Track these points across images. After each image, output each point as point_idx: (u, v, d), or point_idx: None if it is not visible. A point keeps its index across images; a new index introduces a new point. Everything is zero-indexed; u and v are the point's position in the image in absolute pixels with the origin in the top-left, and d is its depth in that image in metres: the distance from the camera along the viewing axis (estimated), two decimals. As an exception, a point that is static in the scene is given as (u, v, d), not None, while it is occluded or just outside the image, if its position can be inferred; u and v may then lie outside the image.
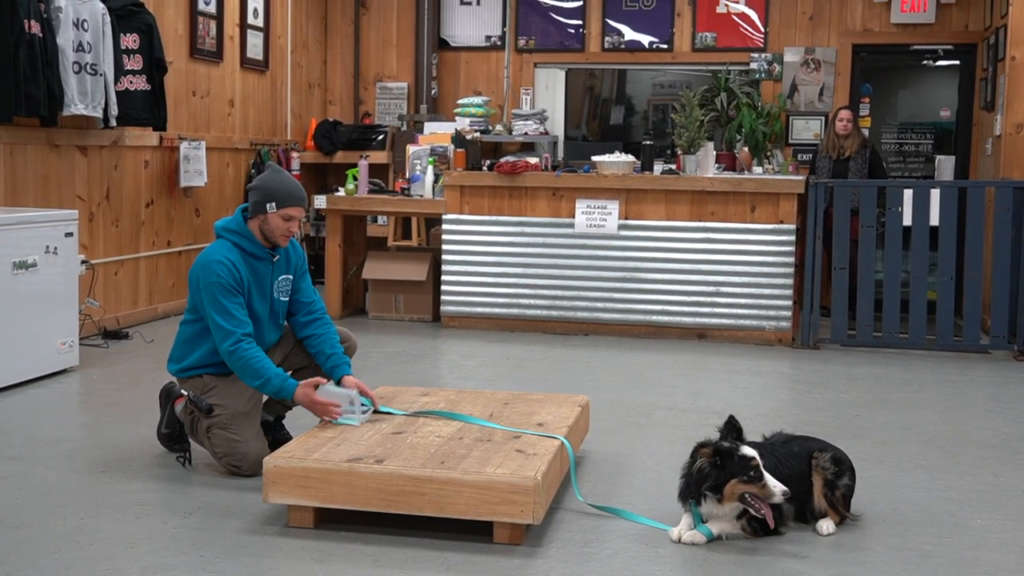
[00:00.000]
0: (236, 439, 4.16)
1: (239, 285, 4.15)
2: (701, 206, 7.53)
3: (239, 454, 4.15)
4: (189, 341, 4.32)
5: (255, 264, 4.25)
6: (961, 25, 9.42)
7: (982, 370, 6.79)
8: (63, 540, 3.52)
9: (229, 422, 4.18)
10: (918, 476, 4.43)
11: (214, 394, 4.22)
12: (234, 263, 4.16)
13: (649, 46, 10.05)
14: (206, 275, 4.13)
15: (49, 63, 6.32)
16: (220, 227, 4.30)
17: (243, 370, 4.10)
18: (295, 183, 4.28)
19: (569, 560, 3.44)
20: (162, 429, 4.50)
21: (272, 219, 4.18)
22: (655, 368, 6.61)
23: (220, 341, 4.11)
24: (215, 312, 4.10)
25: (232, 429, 4.17)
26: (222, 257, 4.15)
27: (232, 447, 4.16)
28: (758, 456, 3.52)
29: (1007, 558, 3.54)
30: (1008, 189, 7.17)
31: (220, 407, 4.19)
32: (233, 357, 4.09)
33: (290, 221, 4.20)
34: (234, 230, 4.24)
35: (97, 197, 7.25)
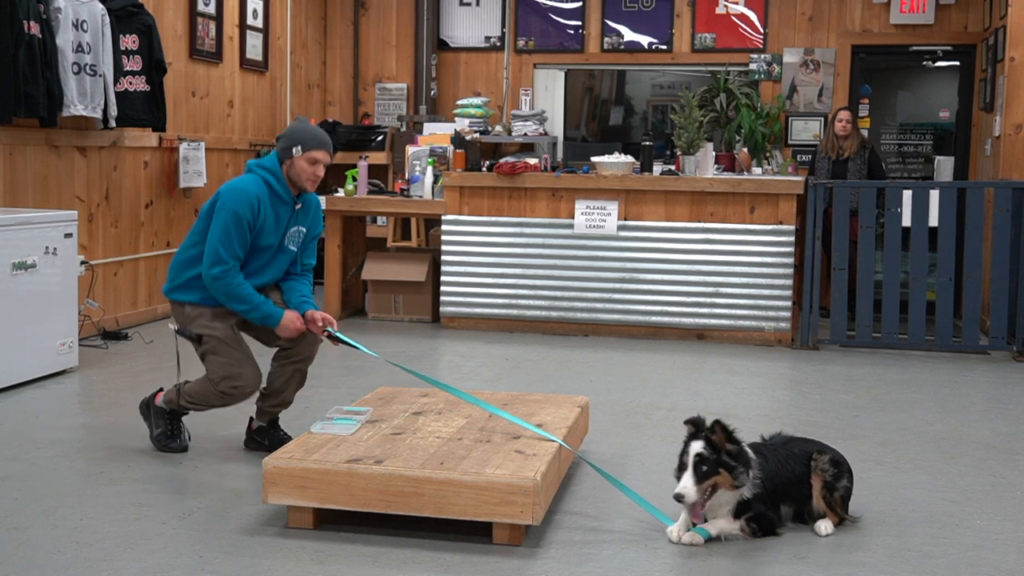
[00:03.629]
0: (229, 362, 4.29)
1: (253, 224, 4.24)
2: (700, 207, 7.53)
3: (234, 374, 4.29)
4: (186, 262, 4.39)
5: (278, 206, 4.33)
6: (960, 26, 9.43)
7: (981, 371, 6.79)
8: (62, 541, 3.52)
9: (219, 347, 4.30)
10: (917, 476, 4.43)
11: (199, 323, 4.33)
12: (261, 202, 4.25)
13: (648, 47, 10.06)
14: (233, 200, 4.20)
15: (48, 64, 6.32)
16: (254, 163, 4.39)
17: (229, 295, 4.22)
18: (320, 130, 4.37)
19: (568, 561, 3.44)
20: (154, 432, 4.54)
21: (298, 163, 4.27)
22: (654, 369, 6.61)
23: (209, 265, 4.20)
24: (219, 236, 4.19)
25: (223, 353, 4.30)
26: (255, 193, 4.24)
27: (227, 370, 4.28)
28: (692, 454, 3.51)
29: (1006, 558, 3.54)
30: (1007, 190, 7.18)
31: (207, 335, 4.31)
32: (219, 283, 4.20)
33: (316, 165, 4.28)
34: (267, 167, 4.33)
35: (96, 198, 7.25)
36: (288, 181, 4.32)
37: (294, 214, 4.40)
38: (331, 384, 6.03)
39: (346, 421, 4.02)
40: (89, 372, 6.13)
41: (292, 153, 4.27)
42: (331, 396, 5.58)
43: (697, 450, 3.52)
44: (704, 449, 3.52)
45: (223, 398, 4.36)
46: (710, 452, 3.51)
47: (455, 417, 4.18)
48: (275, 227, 4.33)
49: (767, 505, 3.63)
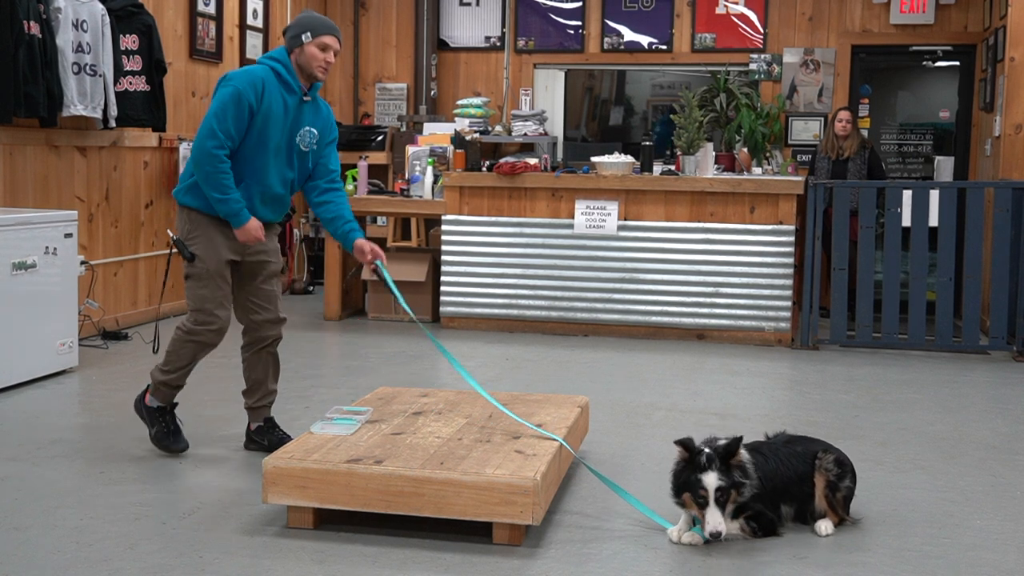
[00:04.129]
0: (207, 296, 4.27)
1: (256, 106, 4.13)
2: (700, 207, 7.53)
3: (207, 311, 4.27)
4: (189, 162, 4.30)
5: (286, 96, 4.21)
6: (960, 26, 9.43)
7: (981, 371, 6.79)
8: (62, 541, 3.52)
9: (205, 277, 4.26)
10: (917, 476, 4.43)
11: (197, 243, 4.26)
12: (266, 86, 4.15)
13: (648, 47, 10.06)
14: (237, 78, 4.13)
15: (48, 64, 6.32)
16: (262, 57, 4.33)
17: (209, 177, 4.11)
18: (323, 17, 4.32)
19: (568, 561, 3.44)
20: (151, 432, 4.49)
21: (308, 49, 4.19)
22: (654, 369, 6.61)
23: (202, 138, 4.09)
24: (214, 110, 4.10)
25: (207, 284, 4.26)
26: (261, 76, 4.15)
27: (203, 303, 4.27)
28: (712, 489, 3.45)
29: (1007, 558, 3.54)
30: (1007, 190, 7.18)
31: (200, 259, 4.26)
32: (206, 159, 4.09)
33: (327, 51, 4.21)
34: (275, 57, 4.25)
35: (96, 198, 7.25)
36: (297, 70, 4.23)
37: (302, 108, 4.28)
38: (331, 384, 6.03)
39: (346, 421, 4.02)
40: (89, 372, 6.13)
41: (302, 40, 4.19)
42: (331, 396, 5.58)
43: (717, 484, 3.48)
44: (721, 480, 3.48)
45: (192, 337, 4.30)
46: (727, 482, 3.50)
47: (455, 417, 4.18)
48: (283, 119, 4.21)
49: (766, 504, 3.63)
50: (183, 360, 4.37)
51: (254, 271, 4.43)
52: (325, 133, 4.41)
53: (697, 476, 3.49)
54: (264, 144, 4.20)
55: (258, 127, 4.16)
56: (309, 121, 4.32)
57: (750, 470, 3.59)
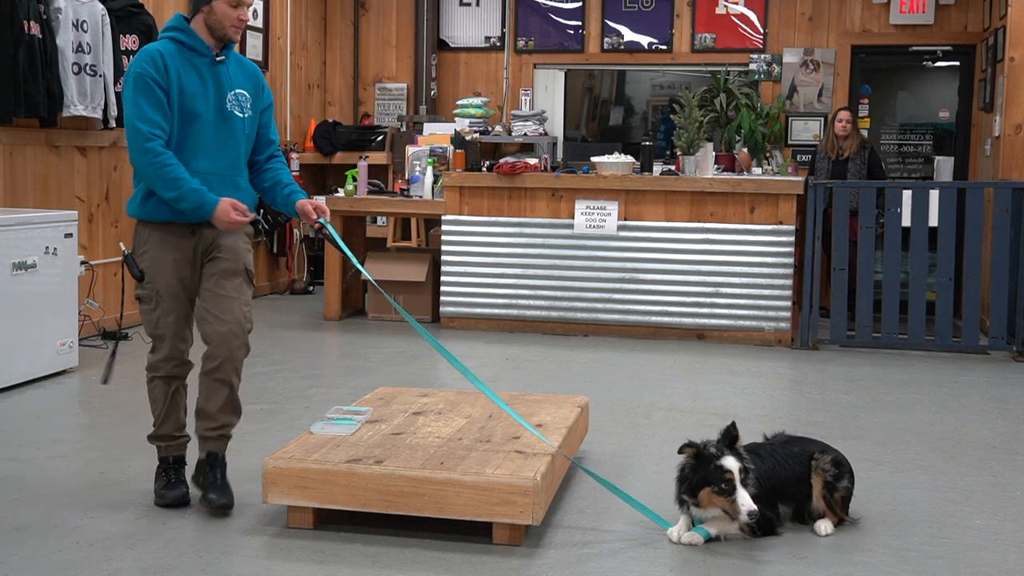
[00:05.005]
0: (162, 321, 3.78)
1: (163, 81, 3.66)
2: (700, 207, 7.53)
3: (161, 339, 3.81)
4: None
5: (195, 60, 3.74)
6: (960, 26, 9.43)
7: (981, 371, 6.79)
8: (62, 541, 3.52)
9: (156, 299, 3.77)
10: (917, 476, 4.43)
11: (146, 258, 3.77)
12: (164, 55, 3.69)
13: (648, 47, 10.06)
14: (131, 66, 3.69)
15: (49, 64, 6.32)
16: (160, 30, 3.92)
17: (156, 176, 3.62)
18: None
19: (568, 561, 3.44)
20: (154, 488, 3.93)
21: (218, 7, 3.71)
22: (654, 369, 6.61)
23: (132, 141, 3.64)
24: (129, 108, 3.65)
25: (158, 308, 3.78)
26: (156, 49, 3.70)
27: (156, 329, 3.80)
28: (736, 470, 3.47)
29: (1007, 558, 3.54)
30: (1007, 190, 7.18)
31: (152, 277, 3.77)
32: (143, 157, 3.62)
33: (239, 8, 3.72)
34: (172, 26, 3.78)
35: (96, 198, 7.26)
36: (206, 32, 3.74)
37: (220, 71, 3.78)
38: (331, 384, 6.03)
39: (346, 421, 4.02)
40: (89, 372, 6.13)
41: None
42: (331, 396, 5.58)
43: (739, 466, 3.49)
44: (740, 462, 3.51)
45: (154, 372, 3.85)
46: (744, 462, 3.52)
47: (455, 417, 4.18)
48: (202, 88, 3.72)
49: (764, 504, 3.63)
50: (156, 403, 3.89)
51: (207, 272, 3.85)
52: (258, 96, 3.90)
53: (717, 464, 3.49)
54: (193, 120, 3.72)
55: (177, 104, 3.69)
56: (237, 83, 3.83)
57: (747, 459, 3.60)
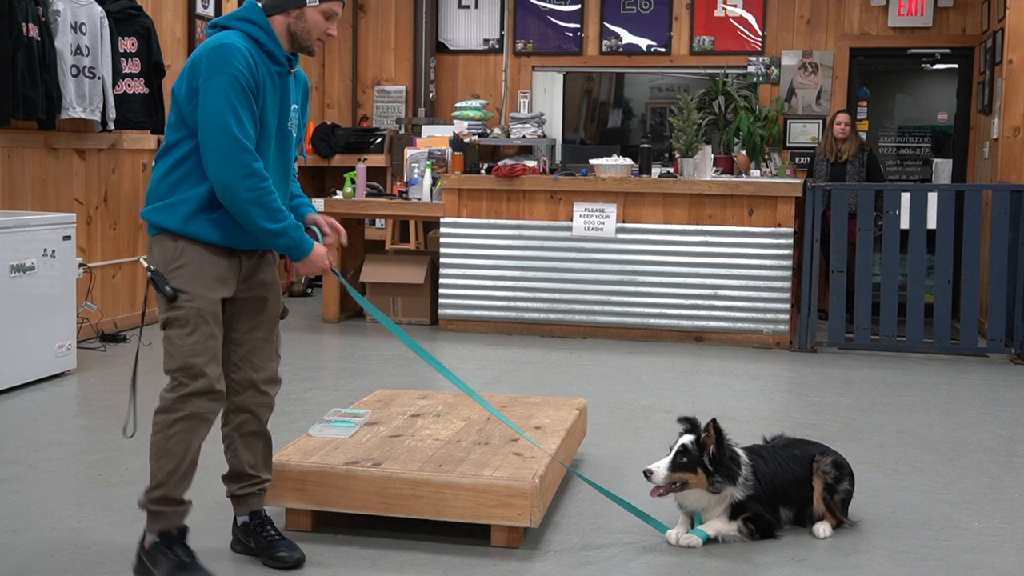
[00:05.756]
0: (198, 347, 3.09)
1: (254, 87, 3.08)
2: (699, 209, 7.53)
3: (196, 368, 3.08)
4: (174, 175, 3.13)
5: (273, 69, 3.17)
6: (958, 29, 9.44)
7: (979, 373, 6.80)
8: (60, 544, 3.52)
9: (194, 320, 3.09)
10: (915, 479, 4.44)
11: (182, 275, 3.10)
12: (254, 58, 3.09)
13: (647, 49, 10.06)
14: (220, 59, 3.02)
15: (47, 66, 6.33)
16: (226, 17, 3.18)
17: (256, 203, 3.03)
18: None
19: (566, 564, 3.44)
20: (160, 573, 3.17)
21: (311, 15, 3.18)
22: (653, 371, 6.61)
23: (228, 154, 3.00)
24: (226, 115, 2.99)
25: (196, 331, 3.09)
26: (241, 46, 3.06)
27: (190, 357, 3.08)
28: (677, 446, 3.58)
29: (1004, 561, 3.54)
30: (1005, 192, 7.18)
31: (186, 296, 3.09)
32: (248, 182, 3.01)
33: (331, 20, 3.23)
34: (250, 19, 3.15)
35: (95, 200, 7.25)
36: (287, 38, 3.19)
37: (287, 82, 3.23)
38: (330, 386, 6.03)
39: (344, 423, 4.02)
40: (87, 375, 6.13)
41: (304, 1, 3.17)
42: (329, 398, 5.58)
43: (684, 442, 3.58)
44: (691, 444, 3.57)
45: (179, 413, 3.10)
46: (695, 448, 3.56)
47: (453, 420, 4.18)
48: (274, 100, 3.18)
49: (764, 507, 3.63)
50: (172, 455, 3.12)
51: (247, 312, 3.30)
52: (305, 111, 3.43)
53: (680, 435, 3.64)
54: (266, 137, 3.17)
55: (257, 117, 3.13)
56: (295, 97, 3.30)
57: (740, 465, 3.60)
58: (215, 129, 2.99)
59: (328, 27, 3.23)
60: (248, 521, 3.42)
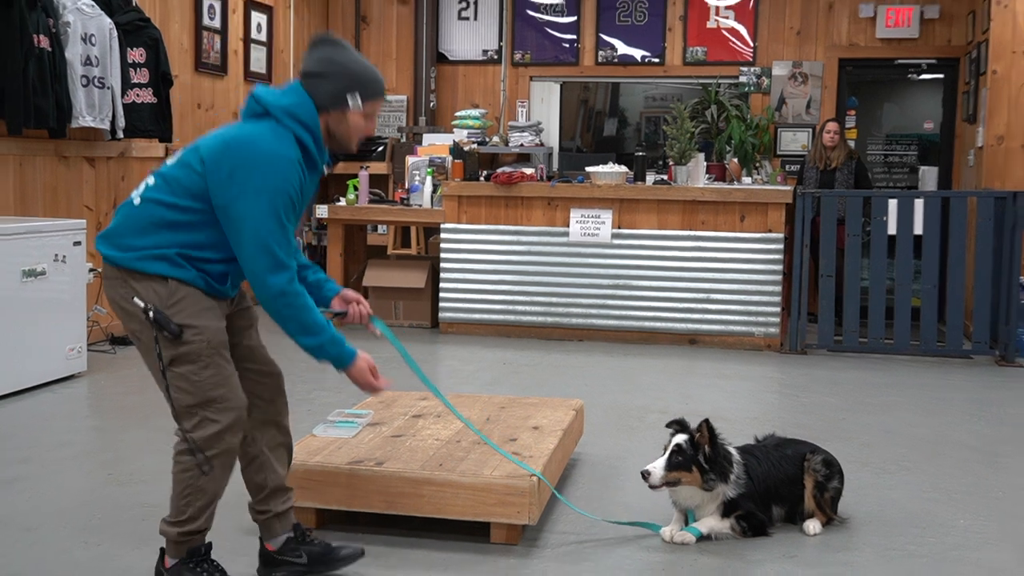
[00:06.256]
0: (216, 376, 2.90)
1: (297, 198, 2.92)
2: (692, 215, 7.54)
3: (221, 399, 2.90)
4: (160, 225, 2.90)
5: (312, 175, 3.03)
6: (944, 40, 9.46)
7: (964, 375, 6.80)
8: (72, 541, 3.53)
9: (206, 355, 2.89)
10: (902, 478, 4.44)
11: (183, 309, 2.88)
12: (302, 168, 2.93)
13: (641, 60, 10.08)
14: (275, 172, 2.83)
15: (58, 77, 6.33)
16: (282, 108, 2.92)
17: (292, 319, 2.91)
18: (371, 64, 3.09)
19: (564, 560, 3.44)
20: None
21: (352, 117, 3.00)
22: (647, 373, 6.62)
23: (265, 272, 2.84)
24: (268, 227, 2.82)
25: (210, 363, 2.89)
26: (293, 157, 2.88)
27: (212, 390, 2.89)
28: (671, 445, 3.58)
29: (989, 557, 3.55)
30: (989, 199, 7.19)
31: (193, 330, 2.87)
32: (283, 300, 2.87)
33: (370, 120, 3.06)
34: (304, 122, 2.94)
35: (104, 207, 7.26)
36: (326, 136, 3.02)
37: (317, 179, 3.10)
38: (333, 388, 6.03)
39: (348, 424, 4.03)
40: (98, 376, 6.13)
41: (347, 102, 2.97)
42: (333, 399, 5.58)
43: (678, 441, 3.59)
44: (685, 443, 3.58)
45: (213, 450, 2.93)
46: (689, 447, 3.56)
47: (453, 420, 4.19)
48: (302, 206, 3.02)
49: (756, 504, 3.64)
50: (208, 493, 2.98)
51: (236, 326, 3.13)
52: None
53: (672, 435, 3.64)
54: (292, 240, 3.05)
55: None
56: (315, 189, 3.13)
57: (732, 464, 3.60)
58: (257, 243, 2.83)
59: (369, 127, 3.08)
60: (292, 536, 3.25)
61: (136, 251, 2.89)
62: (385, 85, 3.11)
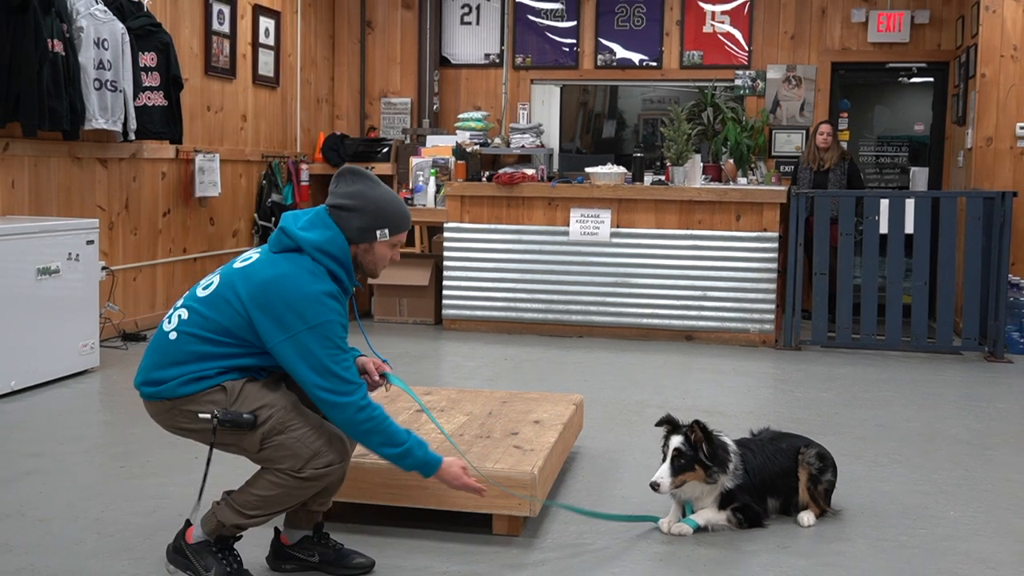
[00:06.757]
0: (307, 434, 2.96)
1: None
2: (689, 215, 7.53)
3: (321, 449, 2.96)
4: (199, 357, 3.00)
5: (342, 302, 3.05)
6: (934, 44, 9.44)
7: (954, 370, 6.79)
8: (84, 532, 3.52)
9: (288, 420, 2.96)
10: (894, 471, 4.44)
11: (248, 400, 2.96)
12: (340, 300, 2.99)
13: (639, 63, 10.07)
14: (322, 310, 2.89)
15: (71, 80, 6.32)
16: (314, 244, 2.96)
17: (373, 433, 2.96)
18: (399, 198, 3.16)
19: (564, 551, 3.44)
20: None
21: (380, 248, 3.08)
22: (645, 368, 6.61)
23: (340, 395, 2.89)
24: (331, 363, 2.89)
25: (295, 426, 2.96)
26: (333, 290, 2.95)
27: (310, 446, 2.95)
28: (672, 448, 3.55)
29: (978, 548, 3.54)
30: (978, 199, 7.18)
31: (264, 408, 2.95)
32: (362, 416, 2.92)
33: (395, 249, 3.14)
34: (337, 257, 2.99)
35: (117, 207, 7.25)
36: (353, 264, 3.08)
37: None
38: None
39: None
40: (110, 372, 6.13)
41: (375, 236, 3.04)
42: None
43: (676, 444, 3.56)
44: (683, 445, 3.55)
45: (310, 486, 2.98)
46: (688, 448, 3.54)
47: (457, 414, 4.18)
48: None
49: (752, 496, 3.63)
50: (285, 505, 3.04)
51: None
52: None
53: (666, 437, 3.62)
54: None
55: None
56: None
57: (729, 454, 3.59)
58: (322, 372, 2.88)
59: (394, 255, 3.14)
60: (311, 535, 3.25)
61: (177, 380, 3.00)
62: (411, 219, 3.16)
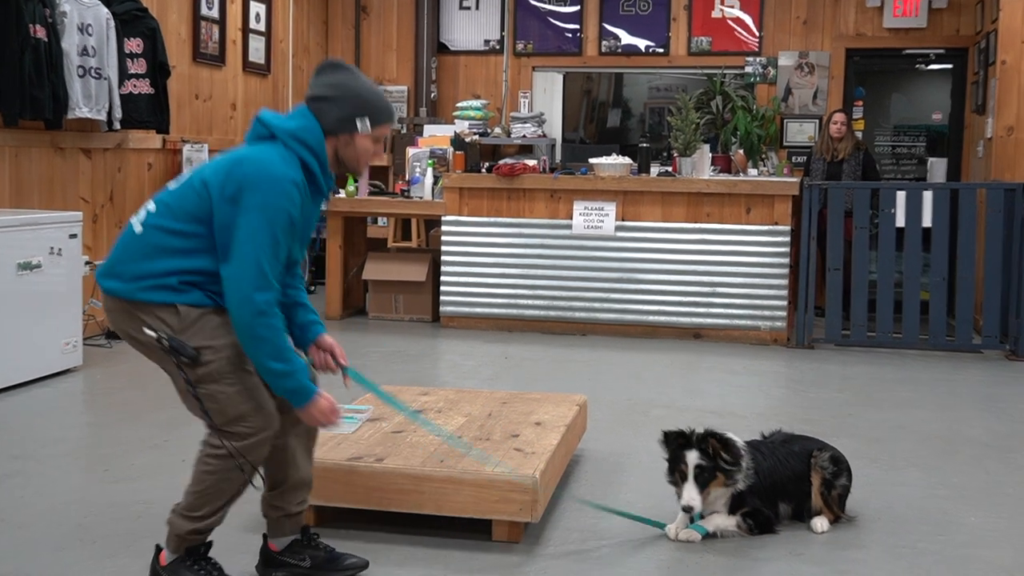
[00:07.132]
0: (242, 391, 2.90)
1: (299, 220, 2.94)
2: (697, 208, 7.51)
3: (247, 411, 2.90)
4: (161, 252, 2.90)
5: (316, 198, 3.03)
6: (952, 29, 9.41)
7: (974, 369, 6.77)
8: (66, 538, 3.50)
9: (226, 371, 2.89)
10: (912, 474, 4.41)
11: (196, 332, 2.88)
12: (305, 189, 2.93)
13: (645, 50, 10.04)
14: (276, 192, 2.82)
15: (54, 67, 6.30)
16: (288, 131, 2.92)
17: (262, 340, 2.84)
18: (381, 92, 3.11)
19: (567, 558, 3.42)
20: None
21: (361, 141, 3.00)
22: (652, 367, 6.59)
23: (250, 288, 2.80)
24: (263, 247, 2.81)
25: (231, 381, 2.89)
26: (292, 177, 2.87)
27: (240, 404, 2.89)
28: (691, 464, 3.50)
29: (1001, 555, 3.52)
30: (999, 191, 7.16)
31: (210, 350, 2.88)
32: (261, 320, 2.81)
33: (378, 143, 3.06)
34: (312, 147, 2.94)
35: (101, 199, 7.23)
36: (334, 161, 3.02)
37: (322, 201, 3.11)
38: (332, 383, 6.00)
39: (347, 420, 3.99)
40: (93, 371, 6.11)
41: (355, 127, 2.97)
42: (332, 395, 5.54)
43: (696, 461, 3.51)
44: (701, 459, 3.51)
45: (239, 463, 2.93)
46: (707, 461, 3.51)
47: (455, 416, 4.16)
48: (303, 230, 3.03)
49: (763, 500, 3.61)
50: (227, 494, 3.00)
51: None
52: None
53: (680, 454, 3.55)
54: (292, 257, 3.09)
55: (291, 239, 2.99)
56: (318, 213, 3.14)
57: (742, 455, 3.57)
58: (246, 258, 2.81)
59: (377, 150, 3.07)
60: (300, 538, 3.23)
61: (138, 282, 2.89)
62: (395, 112, 3.06)
